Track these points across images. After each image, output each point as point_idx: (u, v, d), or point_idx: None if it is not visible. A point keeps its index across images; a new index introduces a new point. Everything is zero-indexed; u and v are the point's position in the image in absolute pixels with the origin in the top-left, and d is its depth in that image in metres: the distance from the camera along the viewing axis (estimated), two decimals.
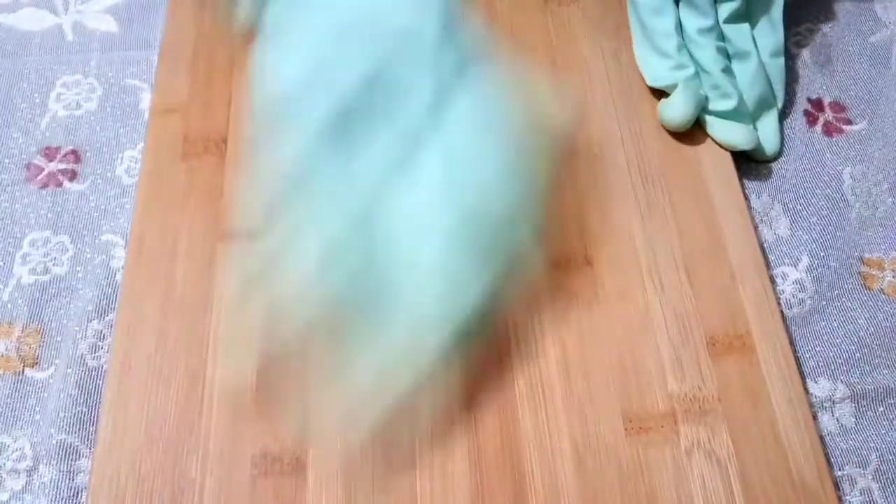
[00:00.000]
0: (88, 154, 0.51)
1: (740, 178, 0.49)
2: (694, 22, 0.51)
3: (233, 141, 0.50)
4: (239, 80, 0.52)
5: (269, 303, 0.40)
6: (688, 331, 0.44)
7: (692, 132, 0.50)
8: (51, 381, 0.43)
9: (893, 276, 0.47)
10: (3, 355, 0.44)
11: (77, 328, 0.45)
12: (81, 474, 0.41)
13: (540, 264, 0.43)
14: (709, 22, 0.51)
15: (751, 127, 0.50)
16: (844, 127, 0.53)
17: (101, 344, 0.44)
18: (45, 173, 0.50)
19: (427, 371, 0.38)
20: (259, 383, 0.42)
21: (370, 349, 0.38)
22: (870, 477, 0.42)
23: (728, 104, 0.49)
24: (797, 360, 0.44)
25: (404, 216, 0.37)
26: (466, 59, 0.40)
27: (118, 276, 0.46)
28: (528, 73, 0.44)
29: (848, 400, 0.44)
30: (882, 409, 0.44)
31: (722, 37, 0.51)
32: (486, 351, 0.43)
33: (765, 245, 0.48)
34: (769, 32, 0.53)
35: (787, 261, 0.48)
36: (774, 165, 0.51)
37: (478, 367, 0.43)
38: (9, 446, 0.42)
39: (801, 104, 0.54)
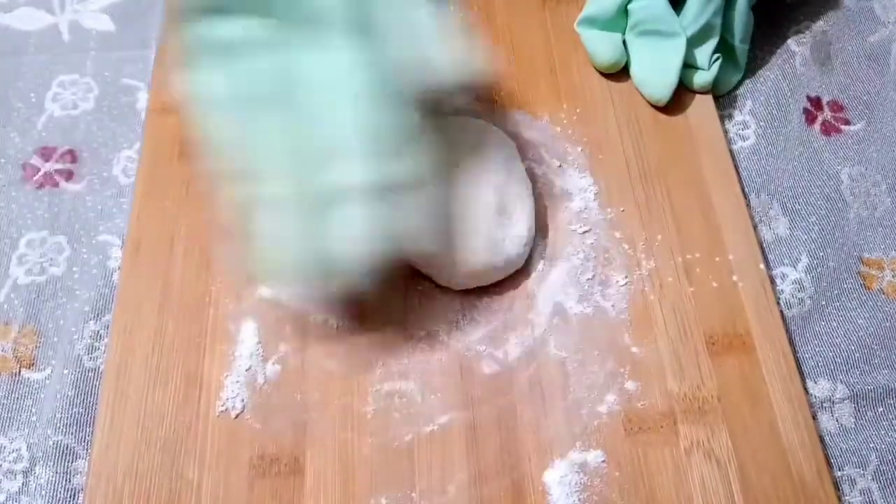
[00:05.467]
0: (85, 154, 0.51)
1: (739, 178, 0.49)
2: None
3: None
4: None
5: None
6: (687, 330, 0.44)
7: (693, 132, 0.50)
8: (47, 382, 0.43)
9: (893, 276, 0.47)
10: None
11: (74, 329, 0.44)
12: (78, 475, 0.41)
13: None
14: None
15: (620, 43, 0.51)
16: (843, 127, 0.53)
17: (97, 345, 0.44)
18: (41, 173, 0.50)
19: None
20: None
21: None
22: (869, 477, 0.42)
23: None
24: (797, 360, 0.44)
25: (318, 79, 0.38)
26: None
27: (115, 277, 0.46)
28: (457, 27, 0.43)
29: (847, 400, 0.44)
30: (882, 409, 0.43)
31: None
32: (487, 351, 0.43)
33: (764, 245, 0.48)
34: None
35: (786, 261, 0.48)
36: (773, 165, 0.51)
37: (477, 366, 0.43)
38: (5, 447, 0.41)
39: (800, 102, 0.54)
